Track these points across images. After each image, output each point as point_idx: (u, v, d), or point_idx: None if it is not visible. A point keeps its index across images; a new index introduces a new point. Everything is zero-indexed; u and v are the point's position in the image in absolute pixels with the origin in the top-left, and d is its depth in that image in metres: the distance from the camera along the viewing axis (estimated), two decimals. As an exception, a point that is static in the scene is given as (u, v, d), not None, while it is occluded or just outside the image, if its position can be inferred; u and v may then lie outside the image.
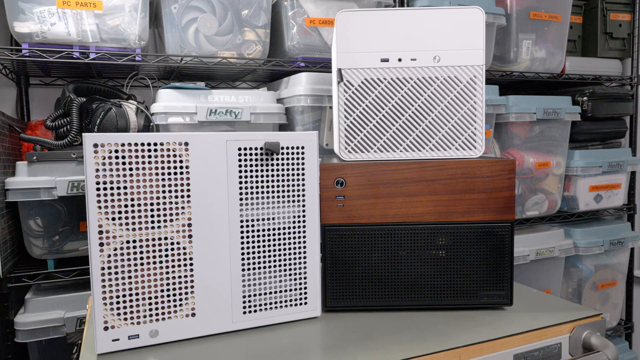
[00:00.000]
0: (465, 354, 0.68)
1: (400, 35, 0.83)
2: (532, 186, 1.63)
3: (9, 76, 1.38)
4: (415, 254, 0.80)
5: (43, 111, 1.48)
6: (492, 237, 0.80)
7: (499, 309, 0.82)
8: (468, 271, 0.80)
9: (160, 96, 1.19)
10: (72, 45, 1.15)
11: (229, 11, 1.27)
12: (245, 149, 0.71)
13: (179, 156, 0.68)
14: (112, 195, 0.65)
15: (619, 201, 1.84)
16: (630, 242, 1.82)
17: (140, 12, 1.17)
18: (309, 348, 0.68)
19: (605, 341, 0.74)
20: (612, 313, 1.89)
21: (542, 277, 1.70)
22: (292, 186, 0.75)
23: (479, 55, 0.83)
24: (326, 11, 1.34)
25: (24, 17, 1.10)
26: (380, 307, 0.81)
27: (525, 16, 1.59)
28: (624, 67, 1.96)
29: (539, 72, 1.65)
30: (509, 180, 0.80)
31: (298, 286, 0.76)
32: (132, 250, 0.66)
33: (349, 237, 0.80)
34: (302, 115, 1.29)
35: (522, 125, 1.59)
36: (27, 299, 1.14)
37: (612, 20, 1.86)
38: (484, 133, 0.84)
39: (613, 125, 1.82)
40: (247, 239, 0.73)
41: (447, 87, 0.83)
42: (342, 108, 0.83)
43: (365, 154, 0.84)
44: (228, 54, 1.28)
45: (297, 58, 1.33)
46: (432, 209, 0.80)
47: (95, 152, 0.64)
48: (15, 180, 1.04)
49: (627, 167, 1.79)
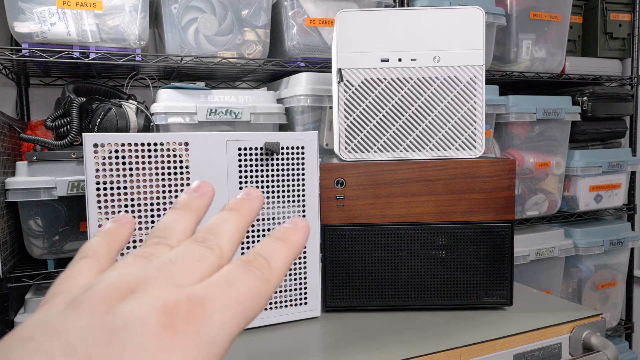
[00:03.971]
0: (465, 354, 0.68)
1: (400, 35, 0.82)
2: (532, 186, 1.63)
3: (9, 76, 1.38)
4: (415, 254, 0.80)
5: (43, 111, 1.48)
6: (492, 237, 0.80)
7: (499, 309, 0.82)
8: (468, 271, 0.80)
9: (160, 96, 1.19)
10: (72, 45, 1.15)
11: (229, 11, 1.27)
12: (245, 149, 0.71)
13: (179, 156, 0.68)
14: (112, 195, 0.65)
15: (619, 201, 1.83)
16: (630, 242, 1.82)
17: (140, 12, 1.17)
18: (309, 348, 0.68)
19: (605, 341, 0.74)
20: (612, 313, 1.89)
21: (542, 277, 1.70)
22: (292, 186, 0.75)
23: (479, 55, 0.83)
24: (326, 11, 1.34)
25: (24, 17, 1.10)
26: (380, 307, 0.81)
27: (525, 16, 1.59)
28: (624, 67, 1.96)
29: (539, 72, 1.65)
30: (509, 180, 0.80)
31: (298, 286, 0.76)
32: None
33: (349, 237, 0.80)
34: (302, 115, 1.29)
35: (522, 125, 1.59)
36: (27, 299, 1.14)
37: (612, 20, 1.86)
38: (484, 133, 0.84)
39: (613, 125, 1.82)
40: (247, 239, 0.73)
41: (447, 87, 0.83)
42: (342, 108, 0.83)
43: (365, 154, 0.84)
44: (228, 54, 1.28)
45: (297, 58, 1.33)
46: (432, 209, 0.80)
47: (95, 152, 0.64)
48: (15, 180, 1.04)
49: (627, 167, 1.78)
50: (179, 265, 0.22)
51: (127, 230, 0.27)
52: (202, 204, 0.27)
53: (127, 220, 0.27)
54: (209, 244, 0.23)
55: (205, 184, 0.28)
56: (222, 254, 0.24)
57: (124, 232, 0.26)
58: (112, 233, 0.26)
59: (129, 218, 0.27)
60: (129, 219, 0.27)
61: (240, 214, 0.26)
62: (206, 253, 0.23)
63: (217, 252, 0.23)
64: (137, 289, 0.20)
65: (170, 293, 0.20)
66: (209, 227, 0.25)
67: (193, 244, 0.23)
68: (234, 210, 0.26)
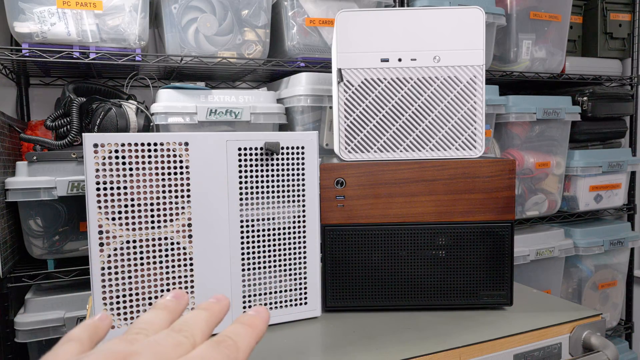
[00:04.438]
0: (466, 354, 0.68)
1: (400, 35, 0.82)
2: (532, 186, 1.63)
3: (9, 76, 1.38)
4: (415, 254, 0.80)
5: (43, 111, 1.48)
6: (492, 237, 0.80)
7: (499, 309, 0.82)
8: (468, 271, 0.80)
9: (160, 96, 1.19)
10: (72, 45, 1.15)
11: (229, 11, 1.27)
12: (245, 149, 0.71)
13: (179, 156, 0.68)
14: (112, 195, 0.65)
15: (619, 201, 1.84)
16: (630, 242, 1.82)
17: (140, 12, 1.17)
18: (309, 348, 0.68)
19: (605, 341, 0.74)
20: (612, 313, 1.89)
21: (542, 277, 1.70)
22: (292, 186, 0.75)
23: (479, 55, 0.83)
24: (326, 11, 1.34)
25: (24, 17, 1.10)
26: (380, 307, 0.81)
27: (525, 16, 1.59)
28: (624, 67, 1.96)
29: (539, 72, 1.65)
30: (509, 180, 0.80)
31: (298, 286, 0.76)
32: (132, 250, 0.66)
33: (349, 237, 0.80)
34: (302, 115, 1.29)
35: (522, 125, 1.59)
36: (27, 299, 1.14)
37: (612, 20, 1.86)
38: (484, 133, 0.84)
39: (613, 125, 1.82)
40: (247, 239, 0.73)
41: (447, 87, 0.83)
42: (342, 108, 0.83)
43: (365, 154, 0.84)
44: (228, 54, 1.28)
45: (297, 58, 1.33)
46: (432, 209, 0.80)
47: (95, 152, 0.64)
48: (15, 180, 1.04)
49: (627, 167, 1.78)
50: (162, 345, 0.26)
51: (107, 325, 0.31)
52: (178, 307, 0.32)
53: (106, 317, 0.31)
54: (184, 334, 0.28)
55: (182, 293, 0.33)
56: (195, 342, 0.28)
57: (104, 327, 0.30)
58: (94, 326, 0.30)
59: (107, 317, 0.31)
60: (107, 317, 0.31)
61: (211, 313, 0.30)
62: (182, 340, 0.27)
63: (190, 341, 0.27)
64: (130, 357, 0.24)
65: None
66: (185, 320, 0.29)
67: (171, 332, 0.28)
68: (206, 310, 0.30)
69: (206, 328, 0.29)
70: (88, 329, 0.29)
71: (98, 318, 0.31)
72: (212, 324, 0.30)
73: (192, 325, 0.28)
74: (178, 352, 0.26)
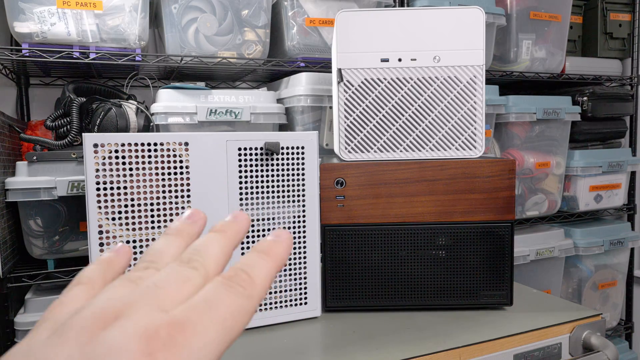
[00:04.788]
0: (466, 354, 0.68)
1: (400, 35, 0.82)
2: (532, 186, 1.63)
3: (9, 76, 1.38)
4: (416, 254, 0.80)
5: (43, 111, 1.48)
6: (492, 237, 0.80)
7: (499, 309, 0.82)
8: (468, 271, 0.80)
9: (160, 96, 1.19)
10: (72, 45, 1.15)
11: (229, 11, 1.27)
12: (245, 149, 0.71)
13: (179, 156, 0.68)
14: (112, 195, 0.65)
15: (619, 201, 1.83)
16: (630, 242, 1.82)
17: (140, 12, 1.17)
18: (309, 348, 0.68)
19: (605, 341, 0.74)
20: (612, 313, 1.89)
21: (542, 277, 1.70)
22: (292, 186, 0.75)
23: (479, 55, 0.83)
24: (326, 11, 1.34)
25: (24, 17, 1.10)
26: (380, 307, 0.81)
27: (525, 16, 1.59)
28: (624, 67, 1.96)
29: (539, 72, 1.65)
30: (509, 180, 0.80)
31: (298, 286, 0.76)
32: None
33: (349, 237, 0.80)
34: (302, 115, 1.29)
35: (522, 125, 1.59)
36: (27, 299, 1.14)
37: (612, 20, 1.86)
38: (484, 133, 0.84)
39: (613, 125, 1.82)
40: (247, 239, 0.73)
41: (447, 87, 0.83)
42: (342, 108, 0.83)
43: (365, 154, 0.84)
44: (228, 54, 1.28)
45: (297, 58, 1.33)
46: (432, 209, 0.80)
47: (95, 152, 0.64)
48: (15, 180, 1.04)
49: (627, 167, 1.78)
50: (163, 289, 0.22)
51: (124, 260, 0.27)
52: (193, 231, 0.27)
53: (125, 250, 0.27)
54: (194, 264, 0.23)
55: (198, 212, 0.28)
56: (207, 274, 0.24)
57: (121, 261, 0.27)
58: (109, 262, 0.26)
59: (126, 248, 0.27)
60: (126, 249, 0.27)
61: (227, 236, 0.26)
62: (191, 274, 0.23)
63: (201, 272, 0.23)
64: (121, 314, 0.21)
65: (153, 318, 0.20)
66: (195, 248, 0.25)
67: (178, 265, 0.23)
68: (221, 232, 0.26)
69: (221, 255, 0.25)
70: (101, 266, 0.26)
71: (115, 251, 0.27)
72: (229, 250, 0.25)
73: (204, 254, 0.24)
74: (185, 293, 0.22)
